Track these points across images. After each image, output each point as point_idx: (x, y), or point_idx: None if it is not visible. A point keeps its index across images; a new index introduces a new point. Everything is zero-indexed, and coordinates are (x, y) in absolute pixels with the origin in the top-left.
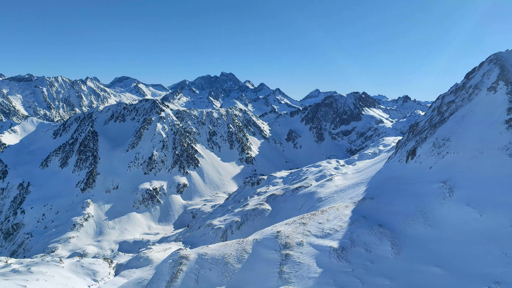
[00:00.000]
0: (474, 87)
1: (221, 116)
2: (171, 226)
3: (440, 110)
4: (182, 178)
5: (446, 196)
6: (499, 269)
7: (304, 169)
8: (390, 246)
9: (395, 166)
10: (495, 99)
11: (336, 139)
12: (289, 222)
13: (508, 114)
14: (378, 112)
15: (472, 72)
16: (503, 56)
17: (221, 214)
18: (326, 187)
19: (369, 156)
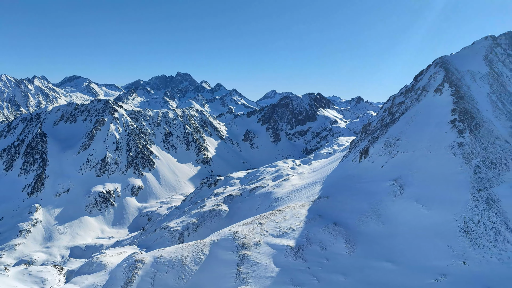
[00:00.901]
0: (422, 89)
1: (177, 116)
2: (126, 230)
3: (391, 111)
4: (137, 180)
5: (397, 193)
6: (445, 262)
7: (261, 169)
8: (345, 243)
9: (349, 165)
10: (441, 100)
11: (292, 139)
12: (246, 222)
13: (452, 114)
14: (333, 112)
15: (420, 74)
16: (448, 59)
17: (177, 216)
18: (283, 186)
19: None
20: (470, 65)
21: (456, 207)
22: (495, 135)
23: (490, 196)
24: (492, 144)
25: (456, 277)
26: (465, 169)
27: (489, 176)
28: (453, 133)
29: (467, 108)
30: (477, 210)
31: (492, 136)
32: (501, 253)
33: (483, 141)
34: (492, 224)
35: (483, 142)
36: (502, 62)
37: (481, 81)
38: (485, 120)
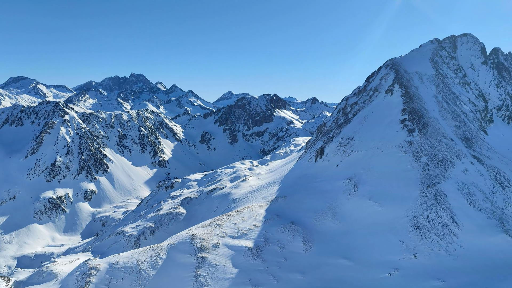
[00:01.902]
0: (374, 90)
1: (132, 118)
2: (79, 236)
3: (344, 111)
4: (90, 185)
5: (352, 191)
6: (397, 256)
7: (219, 171)
8: (302, 242)
9: (305, 165)
10: (392, 101)
11: (250, 140)
12: (204, 224)
13: (402, 114)
14: (289, 113)
15: (372, 75)
16: (397, 61)
17: (133, 220)
18: (240, 187)
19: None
20: (418, 67)
21: (407, 203)
22: (442, 134)
23: (438, 192)
24: (439, 142)
25: (407, 271)
26: (414, 166)
27: (437, 173)
28: (404, 132)
29: (416, 108)
30: (426, 205)
31: (439, 134)
32: (448, 246)
33: (431, 140)
34: (439, 218)
35: (431, 141)
36: (446, 64)
37: (428, 82)
38: (432, 119)
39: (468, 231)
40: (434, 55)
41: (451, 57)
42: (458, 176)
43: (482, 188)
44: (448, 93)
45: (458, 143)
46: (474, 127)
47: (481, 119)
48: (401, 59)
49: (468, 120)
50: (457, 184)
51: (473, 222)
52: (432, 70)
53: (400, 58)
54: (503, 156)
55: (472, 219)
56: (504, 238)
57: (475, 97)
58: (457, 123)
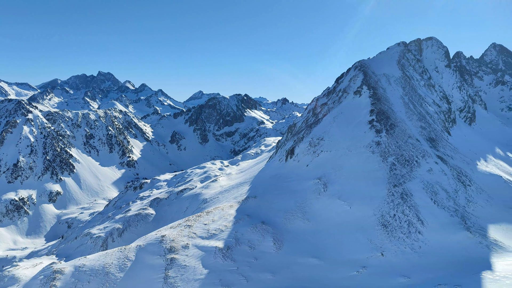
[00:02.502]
0: (343, 91)
1: (99, 118)
2: (43, 239)
3: (314, 112)
4: (55, 186)
5: (321, 191)
6: (365, 254)
7: (189, 171)
8: (273, 241)
9: (276, 165)
10: (360, 102)
11: (220, 140)
12: (174, 225)
13: (371, 115)
14: (260, 113)
15: (341, 77)
16: (366, 63)
17: (100, 222)
18: (211, 188)
19: (251, 156)
20: (386, 69)
21: (375, 202)
22: (408, 134)
23: (404, 191)
24: (405, 142)
25: (375, 268)
26: (382, 166)
27: (403, 173)
28: (372, 133)
29: (384, 109)
30: (393, 204)
31: (405, 135)
32: (414, 243)
33: (397, 140)
34: (406, 217)
35: (398, 141)
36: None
37: (395, 84)
38: (399, 120)
39: (432, 229)
40: (401, 57)
41: (417, 60)
42: (424, 176)
43: (446, 187)
44: (414, 94)
45: (424, 144)
46: (439, 128)
47: (445, 120)
48: (369, 61)
49: (432, 121)
50: (422, 184)
51: (437, 220)
52: (399, 72)
53: (369, 60)
54: (465, 156)
55: (436, 217)
56: (465, 235)
57: (439, 99)
58: (423, 124)
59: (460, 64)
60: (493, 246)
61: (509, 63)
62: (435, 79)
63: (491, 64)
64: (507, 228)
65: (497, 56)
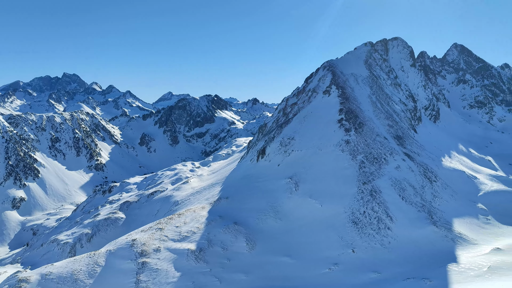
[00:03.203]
0: (312, 91)
1: (65, 120)
2: (6, 247)
3: (285, 112)
4: (19, 192)
5: (293, 190)
6: (337, 252)
7: (160, 173)
8: (245, 242)
9: (247, 166)
10: (329, 101)
11: (191, 142)
12: (145, 228)
13: (340, 114)
14: (230, 114)
15: (310, 77)
16: (334, 63)
17: (68, 227)
18: (182, 190)
19: (223, 157)
20: (354, 69)
21: (345, 200)
22: (376, 133)
23: (373, 188)
24: (374, 140)
25: (346, 265)
26: (352, 164)
27: (372, 170)
28: (341, 132)
29: (352, 108)
30: (363, 201)
31: (374, 133)
32: (383, 239)
33: (366, 138)
34: (375, 213)
35: (366, 139)
36: (379, 67)
37: (363, 83)
38: (367, 119)
39: (401, 225)
40: (368, 57)
41: (384, 60)
42: (392, 173)
43: (413, 183)
44: (381, 93)
45: (391, 141)
46: (405, 126)
47: (411, 118)
48: (337, 61)
49: (399, 119)
50: (390, 180)
51: (405, 215)
52: (366, 72)
53: (337, 60)
54: (431, 152)
55: (404, 213)
56: (432, 229)
57: (405, 97)
58: (390, 122)
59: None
60: (458, 239)
61: (469, 63)
62: (401, 78)
63: (453, 64)
64: (470, 221)
65: (459, 56)
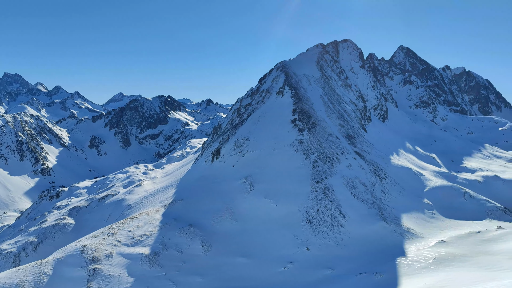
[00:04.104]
0: (266, 91)
1: (7, 123)
2: None
3: (239, 112)
4: None
5: (248, 191)
6: (292, 250)
7: (111, 177)
8: (201, 244)
9: (202, 167)
10: (283, 102)
11: (144, 144)
12: (96, 234)
13: (293, 114)
14: (184, 115)
15: (264, 77)
16: (287, 64)
17: (11, 236)
18: (135, 193)
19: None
20: (306, 70)
21: (299, 199)
22: (328, 132)
23: (326, 187)
24: (326, 140)
25: (301, 263)
26: (305, 163)
27: (325, 169)
28: (294, 132)
29: (305, 108)
30: (316, 200)
31: (326, 133)
32: (336, 236)
33: (319, 138)
34: (328, 211)
35: (319, 139)
36: (330, 68)
37: (315, 84)
38: (320, 119)
39: (353, 221)
40: (320, 58)
41: (334, 61)
42: (344, 171)
43: (364, 181)
44: (333, 94)
45: (343, 141)
46: (356, 126)
47: (361, 118)
48: (290, 62)
49: (350, 119)
50: (342, 179)
51: (357, 212)
52: (318, 73)
53: (290, 61)
54: (380, 151)
55: (356, 210)
56: (382, 225)
57: (356, 98)
58: (341, 122)
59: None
60: (406, 234)
61: (414, 64)
62: (351, 79)
63: (400, 65)
64: (417, 216)
65: (404, 57)
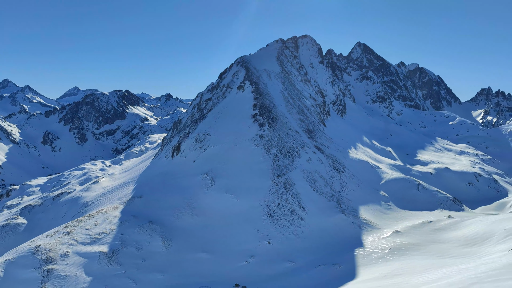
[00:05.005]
0: (227, 86)
1: None
2: None
3: (199, 107)
4: None
5: (209, 186)
6: (253, 244)
7: (66, 174)
8: (161, 240)
9: (162, 162)
10: (244, 97)
11: (101, 139)
12: (50, 233)
13: (254, 109)
14: (143, 110)
15: (224, 72)
16: (248, 59)
17: None
18: (92, 190)
19: (136, 154)
20: (266, 65)
21: (261, 193)
22: (289, 127)
23: (287, 181)
24: (287, 135)
25: (262, 257)
26: (266, 158)
27: (285, 163)
28: (255, 126)
29: (266, 103)
30: (277, 194)
31: (286, 127)
32: (297, 229)
33: (279, 133)
34: (289, 205)
35: (280, 134)
36: (290, 63)
37: (276, 79)
38: (280, 114)
39: (313, 214)
40: (280, 54)
41: (294, 56)
42: (304, 165)
43: (323, 175)
44: (293, 89)
45: (303, 135)
46: (315, 120)
47: (320, 112)
48: (250, 57)
49: (310, 114)
50: (302, 173)
51: (317, 205)
52: (278, 68)
53: (250, 56)
54: (339, 145)
55: (315, 203)
56: (341, 217)
57: (315, 93)
58: (301, 116)
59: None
60: (364, 225)
61: (371, 60)
62: (311, 75)
63: (357, 61)
64: (374, 208)
65: (362, 54)
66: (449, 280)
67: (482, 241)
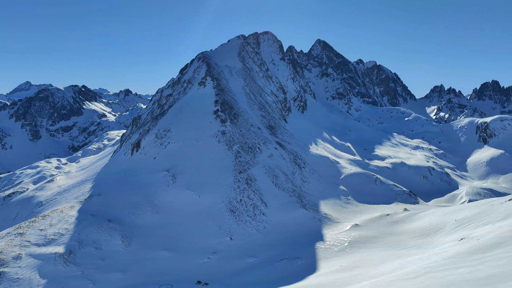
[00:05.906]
0: (188, 82)
1: None
2: None
3: (160, 103)
4: None
5: (170, 183)
6: (215, 241)
7: (18, 172)
8: (121, 239)
9: (121, 160)
10: (205, 93)
11: (56, 136)
12: (1, 235)
13: (215, 105)
14: (100, 106)
15: (185, 68)
16: (209, 54)
17: None
18: (47, 189)
19: (93, 151)
20: (228, 61)
21: (223, 190)
22: (250, 123)
23: (249, 177)
24: (248, 131)
25: (225, 253)
26: (228, 154)
27: (247, 159)
28: (217, 123)
29: (227, 99)
30: (239, 190)
31: (248, 123)
32: (259, 225)
33: (241, 129)
34: (251, 201)
35: (241, 130)
36: (251, 59)
37: (237, 75)
38: (242, 110)
39: (274, 210)
40: (241, 50)
41: (256, 53)
42: (265, 161)
43: (285, 170)
44: (254, 85)
45: (264, 131)
46: (277, 116)
47: (282, 109)
48: (212, 53)
49: (271, 110)
50: (264, 168)
51: (278, 201)
52: (240, 64)
53: (211, 52)
54: (300, 141)
55: (277, 198)
56: (302, 212)
57: (276, 89)
58: (263, 113)
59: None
60: (324, 219)
61: (331, 58)
62: (272, 71)
63: (317, 58)
64: (334, 202)
65: (322, 51)
66: (405, 270)
67: (435, 232)
